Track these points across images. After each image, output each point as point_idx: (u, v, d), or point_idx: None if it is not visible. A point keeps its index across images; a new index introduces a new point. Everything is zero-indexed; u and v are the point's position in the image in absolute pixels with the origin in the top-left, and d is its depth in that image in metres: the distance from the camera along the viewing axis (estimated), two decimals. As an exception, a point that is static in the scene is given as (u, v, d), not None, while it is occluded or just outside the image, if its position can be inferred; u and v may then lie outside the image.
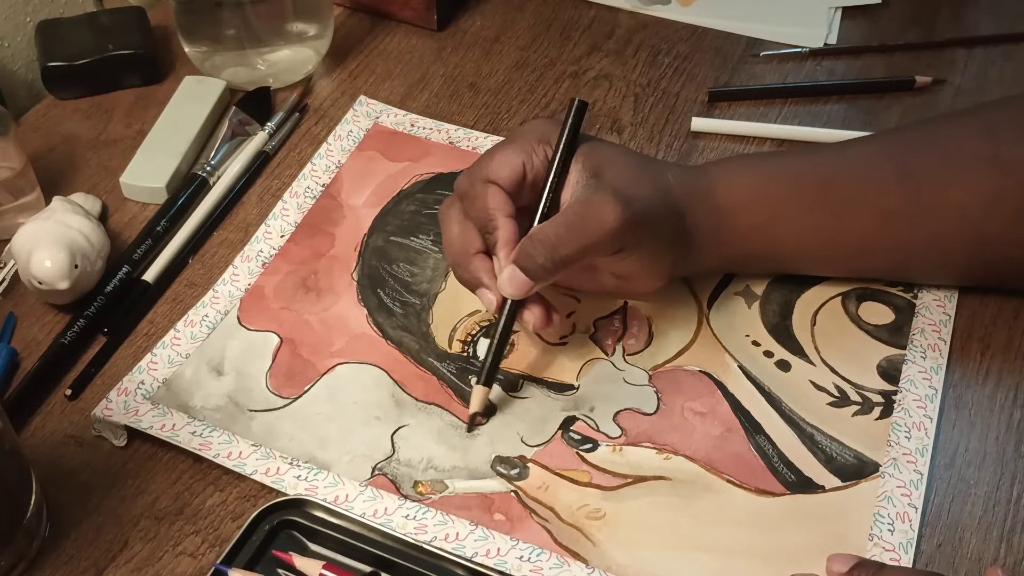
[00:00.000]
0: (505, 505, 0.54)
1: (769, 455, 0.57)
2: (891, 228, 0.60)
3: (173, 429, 0.57)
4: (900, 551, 0.52)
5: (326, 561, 0.51)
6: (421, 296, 0.64)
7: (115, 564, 0.53)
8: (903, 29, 0.84)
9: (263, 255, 0.66)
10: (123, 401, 0.58)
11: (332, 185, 0.71)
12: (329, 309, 0.64)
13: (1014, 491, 0.55)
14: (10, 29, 0.83)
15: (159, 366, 0.60)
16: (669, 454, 0.57)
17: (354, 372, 0.60)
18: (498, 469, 0.56)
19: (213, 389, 0.59)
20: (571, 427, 0.58)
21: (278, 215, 0.68)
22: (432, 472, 0.56)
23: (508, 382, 0.60)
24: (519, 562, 0.52)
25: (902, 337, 0.62)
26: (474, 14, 0.85)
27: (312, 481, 0.55)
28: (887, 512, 0.54)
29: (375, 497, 0.54)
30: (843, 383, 0.60)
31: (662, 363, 0.61)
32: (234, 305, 0.63)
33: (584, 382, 0.60)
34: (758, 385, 0.60)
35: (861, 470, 0.56)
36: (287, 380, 0.60)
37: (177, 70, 0.80)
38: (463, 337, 0.62)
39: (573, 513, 0.54)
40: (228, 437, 0.57)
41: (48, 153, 0.74)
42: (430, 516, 0.54)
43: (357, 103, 0.76)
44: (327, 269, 0.66)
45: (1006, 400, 0.59)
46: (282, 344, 0.62)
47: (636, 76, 0.79)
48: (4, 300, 0.64)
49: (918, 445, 0.56)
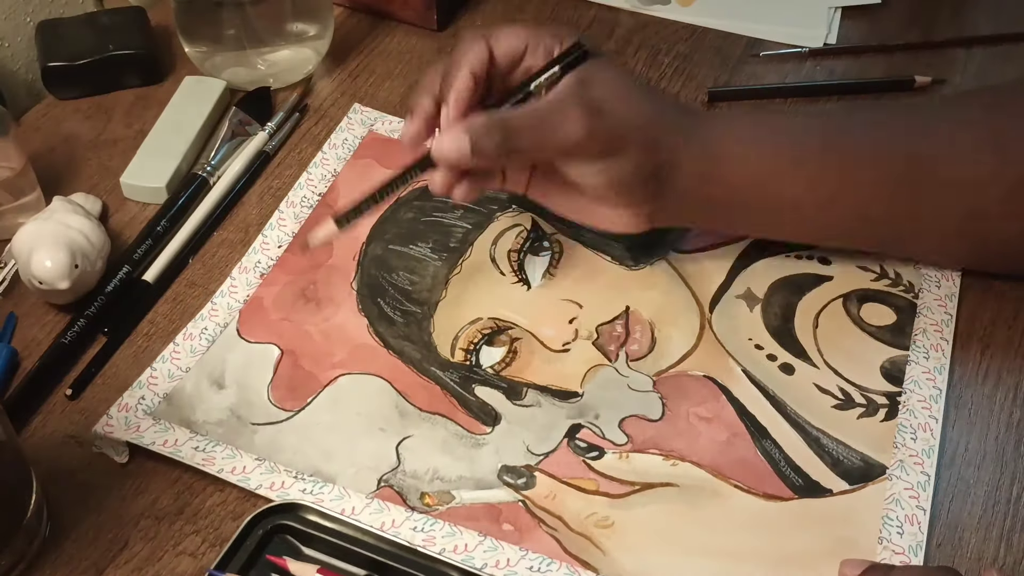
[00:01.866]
0: (513, 515, 0.54)
1: (776, 459, 0.56)
2: (890, 197, 0.60)
3: (176, 444, 0.56)
4: (910, 554, 0.52)
5: (320, 565, 0.51)
6: (422, 305, 0.64)
7: (115, 564, 0.52)
8: (903, 29, 0.84)
9: (261, 266, 0.66)
10: (124, 417, 0.57)
11: (328, 194, 0.70)
12: (329, 320, 0.63)
13: (1014, 491, 0.56)
14: (10, 29, 0.83)
15: (159, 380, 0.59)
16: (676, 460, 0.56)
17: (356, 383, 0.60)
18: (505, 479, 0.56)
19: (214, 403, 0.59)
20: (577, 435, 0.58)
21: (275, 225, 0.68)
22: (438, 483, 0.55)
23: (512, 391, 0.59)
24: (529, 572, 0.52)
25: (904, 338, 0.62)
26: (474, 14, 0.85)
27: (318, 494, 0.54)
28: (896, 515, 0.54)
29: (382, 509, 0.54)
30: (847, 385, 0.60)
31: (666, 368, 0.61)
32: (233, 317, 0.63)
33: (588, 389, 0.60)
34: (762, 389, 0.60)
35: (868, 473, 0.56)
36: (289, 392, 0.59)
37: (177, 70, 0.79)
38: (465, 345, 0.62)
39: (582, 522, 0.54)
40: (231, 451, 0.56)
41: (48, 153, 0.73)
42: (438, 528, 0.53)
43: (352, 111, 0.76)
44: (326, 279, 0.65)
45: (1006, 400, 0.59)
46: (283, 356, 0.61)
47: (636, 76, 0.79)
48: (4, 300, 0.64)
49: (924, 447, 0.56)
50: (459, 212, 0.69)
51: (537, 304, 0.64)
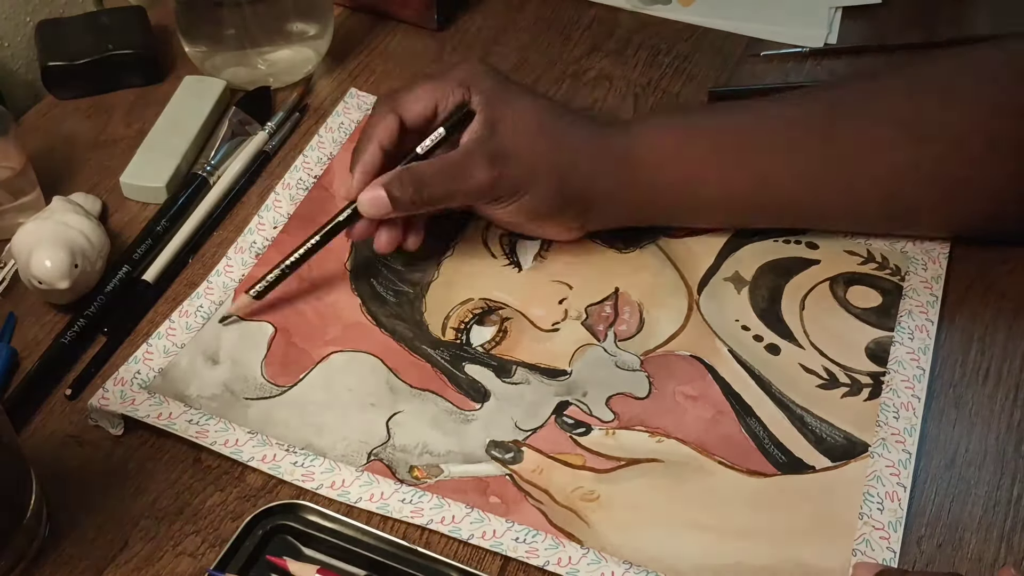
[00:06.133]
0: (500, 488, 0.55)
1: (760, 437, 0.57)
2: (810, 190, 0.63)
3: (170, 418, 0.57)
4: (889, 530, 0.53)
5: (320, 565, 0.51)
6: (414, 285, 0.65)
7: (115, 564, 0.52)
8: (903, 29, 0.83)
9: (256, 246, 0.67)
10: (119, 391, 0.58)
11: (324, 176, 0.71)
12: (323, 298, 0.64)
13: (1014, 491, 0.55)
14: (10, 29, 0.83)
15: (155, 356, 0.60)
16: (661, 437, 0.57)
17: (349, 360, 0.61)
18: (492, 453, 0.57)
19: (209, 378, 0.60)
20: (564, 412, 0.58)
21: (271, 207, 0.69)
22: (427, 457, 0.56)
23: (502, 368, 0.60)
24: (515, 543, 0.53)
25: (890, 319, 0.62)
26: (474, 14, 0.85)
27: (308, 467, 0.55)
28: (876, 491, 0.55)
29: (371, 482, 0.55)
30: (832, 365, 0.61)
31: (653, 348, 0.62)
32: (228, 296, 0.64)
33: (576, 367, 0.61)
34: (748, 368, 0.60)
35: (850, 450, 0.57)
36: (282, 368, 0.60)
37: (177, 70, 0.79)
38: (456, 324, 0.63)
39: (568, 495, 0.55)
40: (224, 425, 0.57)
41: (48, 153, 0.73)
42: (426, 500, 0.54)
43: (348, 95, 0.77)
44: (320, 259, 0.66)
45: (1006, 400, 0.59)
46: (276, 333, 0.62)
47: (636, 76, 0.79)
48: (4, 300, 0.64)
49: (906, 425, 0.57)
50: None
51: (528, 285, 0.65)
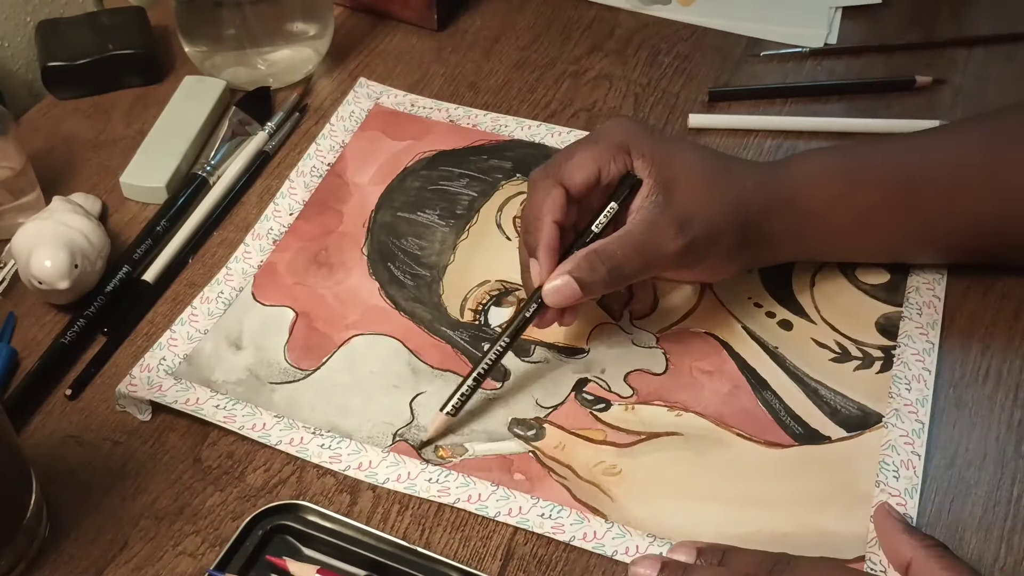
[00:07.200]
0: (524, 465, 0.56)
1: (776, 409, 0.59)
2: (980, 230, 0.61)
3: (197, 403, 0.58)
4: (905, 496, 0.54)
5: (320, 565, 0.52)
6: (431, 268, 0.66)
7: (115, 564, 0.53)
8: (903, 29, 0.84)
9: (273, 232, 0.67)
10: (146, 377, 0.59)
11: (337, 164, 0.72)
12: (342, 283, 0.65)
13: (1014, 491, 0.55)
14: (10, 29, 0.83)
15: (179, 342, 0.61)
16: (680, 411, 0.59)
17: (370, 343, 0.62)
18: (515, 431, 0.58)
19: (233, 363, 0.60)
20: (584, 388, 0.60)
21: (286, 194, 0.70)
22: (451, 436, 0.57)
23: (520, 348, 0.61)
24: (541, 519, 0.54)
25: (898, 295, 0.64)
26: (474, 14, 0.86)
27: (336, 449, 0.56)
28: (892, 460, 0.56)
29: (398, 463, 0.56)
30: (844, 340, 0.62)
31: (668, 326, 0.63)
32: (248, 281, 0.65)
33: (594, 346, 0.62)
34: (762, 344, 0.62)
35: (865, 421, 0.58)
36: (305, 353, 0.61)
37: (177, 70, 0.80)
38: (474, 306, 0.64)
39: (590, 470, 0.56)
40: (251, 409, 0.58)
41: (48, 153, 0.73)
42: (452, 479, 0.55)
43: (358, 85, 0.78)
44: (337, 245, 0.67)
45: (1006, 400, 0.59)
46: (298, 318, 0.63)
47: (636, 76, 0.80)
48: (4, 300, 0.64)
49: (918, 396, 0.59)
50: (464, 181, 0.71)
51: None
